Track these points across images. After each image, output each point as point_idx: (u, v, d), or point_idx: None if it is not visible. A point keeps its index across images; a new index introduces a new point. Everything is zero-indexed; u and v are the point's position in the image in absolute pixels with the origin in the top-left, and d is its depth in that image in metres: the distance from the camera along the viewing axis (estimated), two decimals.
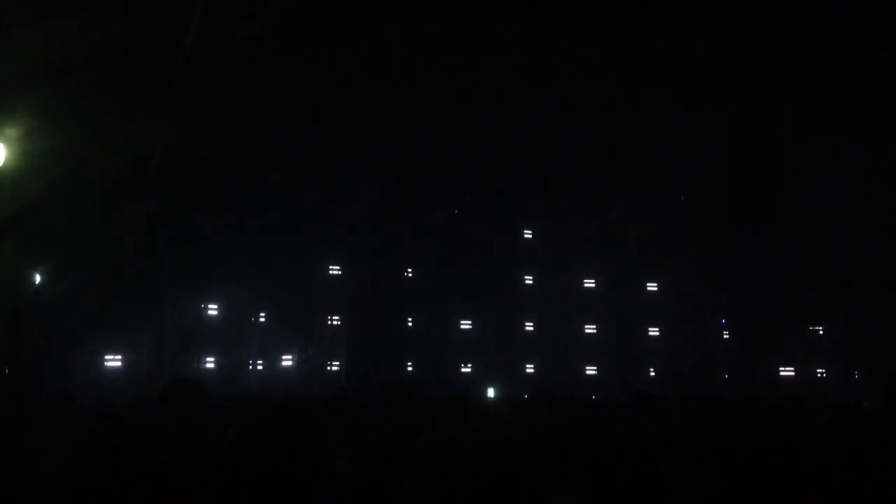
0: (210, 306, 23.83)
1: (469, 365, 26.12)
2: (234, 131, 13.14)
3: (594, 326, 28.10)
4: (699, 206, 21.50)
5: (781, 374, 27.52)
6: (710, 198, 19.05)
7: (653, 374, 27.38)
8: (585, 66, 12.92)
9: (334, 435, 4.80)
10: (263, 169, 17.72)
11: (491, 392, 19.51)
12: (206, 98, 10.36)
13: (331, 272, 25.53)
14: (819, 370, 27.94)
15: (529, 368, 26.74)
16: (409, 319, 25.87)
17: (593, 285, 28.37)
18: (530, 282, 27.80)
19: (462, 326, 26.66)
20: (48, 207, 10.50)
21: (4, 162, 8.92)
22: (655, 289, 28.75)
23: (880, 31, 11.46)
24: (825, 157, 16.51)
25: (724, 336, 28.21)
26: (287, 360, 24.53)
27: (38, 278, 14.05)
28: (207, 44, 8.76)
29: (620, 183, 20.88)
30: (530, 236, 27.67)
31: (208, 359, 23.29)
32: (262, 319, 24.35)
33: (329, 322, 25.30)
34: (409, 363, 25.15)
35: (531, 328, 27.59)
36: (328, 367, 24.80)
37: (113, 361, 21.83)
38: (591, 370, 27.37)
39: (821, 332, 28.58)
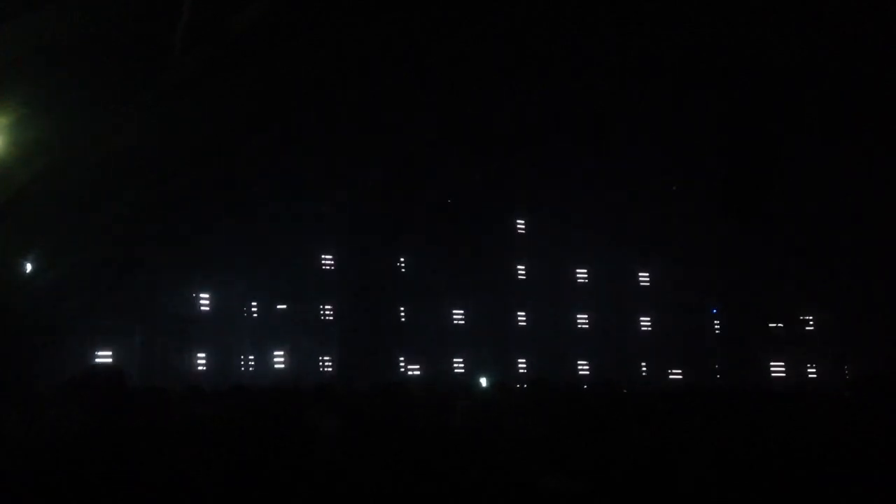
0: (202, 297, 23.70)
1: (462, 355, 26.07)
2: (226, 122, 13.07)
3: (586, 317, 28.11)
4: (692, 198, 21.52)
5: (772, 364, 27.61)
6: (703, 189, 19.09)
7: (644, 364, 27.43)
8: (581, 57, 12.92)
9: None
10: (256, 160, 17.66)
11: (484, 382, 19.55)
12: (200, 88, 10.30)
13: (324, 263, 25.41)
14: (809, 361, 28.04)
15: (522, 359, 26.74)
16: (402, 310, 25.81)
17: (586, 276, 28.37)
18: (524, 273, 27.76)
19: (455, 317, 26.61)
20: (39, 197, 10.44)
21: None
22: (648, 280, 28.80)
23: (878, 28, 11.48)
24: (818, 150, 16.55)
25: (716, 326, 28.30)
26: (279, 352, 24.43)
27: (28, 268, 13.96)
28: (201, 35, 8.71)
29: (614, 175, 20.90)
30: (524, 227, 27.64)
31: (200, 350, 23.18)
32: (254, 310, 24.24)
33: (322, 313, 25.19)
34: (402, 354, 25.12)
35: (524, 319, 27.56)
36: (320, 359, 24.70)
37: (104, 353, 21.69)
38: (583, 360, 27.37)
39: (812, 323, 28.67)
